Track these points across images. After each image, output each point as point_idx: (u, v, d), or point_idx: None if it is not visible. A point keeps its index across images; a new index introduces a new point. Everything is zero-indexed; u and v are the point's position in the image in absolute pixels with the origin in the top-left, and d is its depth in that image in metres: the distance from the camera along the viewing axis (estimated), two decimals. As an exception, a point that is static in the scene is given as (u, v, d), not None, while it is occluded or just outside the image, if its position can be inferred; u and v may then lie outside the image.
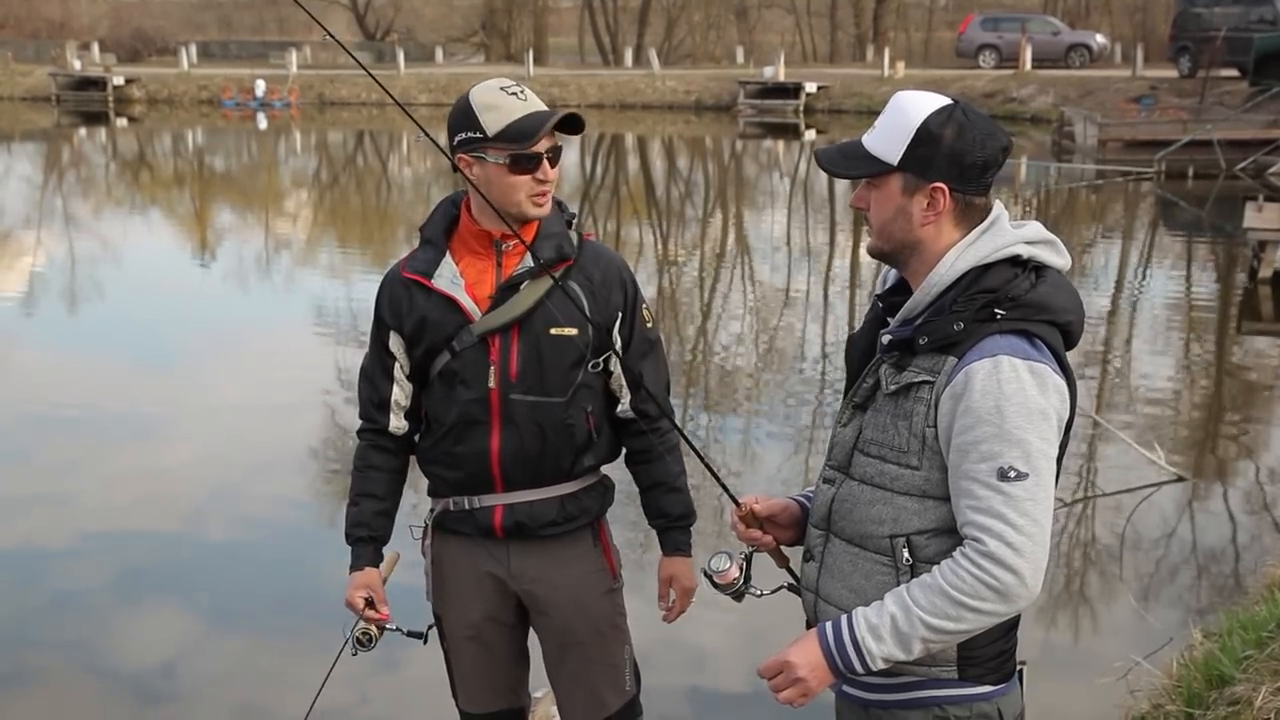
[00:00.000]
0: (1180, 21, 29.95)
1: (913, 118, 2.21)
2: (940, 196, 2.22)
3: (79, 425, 8.52)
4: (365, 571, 3.04)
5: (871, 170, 2.25)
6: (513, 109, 2.82)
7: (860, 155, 2.26)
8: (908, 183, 2.23)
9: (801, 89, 35.61)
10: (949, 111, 2.21)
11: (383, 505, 3.10)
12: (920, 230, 2.24)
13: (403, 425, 3.07)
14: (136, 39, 52.21)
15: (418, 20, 56.85)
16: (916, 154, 2.20)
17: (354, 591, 2.99)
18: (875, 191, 2.27)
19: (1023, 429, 2.11)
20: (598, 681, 3.12)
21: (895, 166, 2.22)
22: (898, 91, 2.32)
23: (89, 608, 5.71)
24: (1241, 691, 3.78)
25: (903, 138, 2.21)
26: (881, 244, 2.30)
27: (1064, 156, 23.97)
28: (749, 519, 2.46)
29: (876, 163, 2.24)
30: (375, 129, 34.67)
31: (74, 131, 34.59)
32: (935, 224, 2.24)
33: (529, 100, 2.85)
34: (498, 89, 2.85)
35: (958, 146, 2.20)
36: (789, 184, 24.22)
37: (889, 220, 2.26)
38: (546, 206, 2.88)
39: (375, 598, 2.99)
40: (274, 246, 16.96)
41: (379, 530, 3.09)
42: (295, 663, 5.20)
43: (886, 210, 2.26)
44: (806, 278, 14.25)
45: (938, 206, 2.23)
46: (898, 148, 2.21)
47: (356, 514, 3.08)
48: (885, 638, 2.14)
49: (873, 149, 2.25)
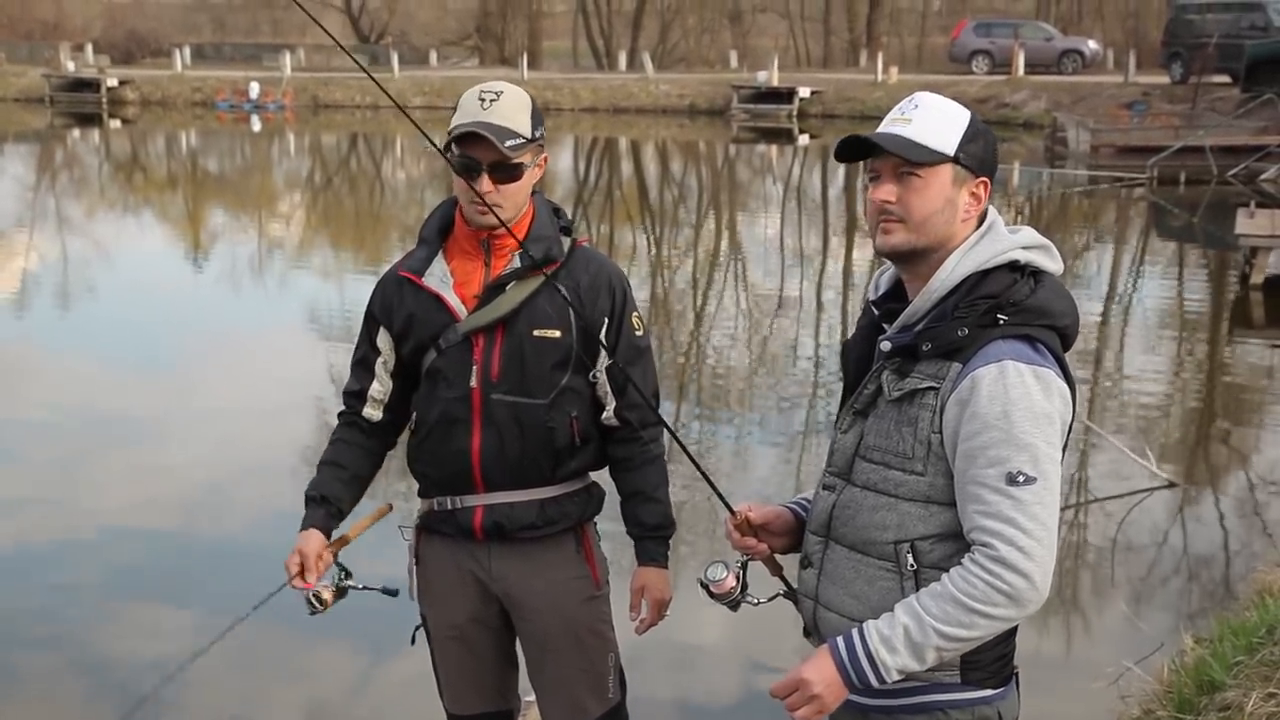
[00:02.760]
0: (1172, 28, 30.06)
1: (959, 112, 2.25)
2: (984, 191, 2.25)
3: (69, 427, 8.50)
4: (307, 534, 2.98)
5: (934, 159, 2.22)
6: (467, 113, 2.84)
7: (913, 145, 2.22)
8: (959, 175, 2.23)
9: (795, 94, 35.65)
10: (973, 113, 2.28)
11: (343, 473, 3.08)
12: (959, 224, 2.25)
13: (378, 414, 3.09)
14: (130, 41, 52.10)
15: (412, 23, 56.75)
16: (969, 148, 2.23)
17: (290, 556, 2.94)
18: (919, 181, 2.22)
19: (1030, 433, 2.12)
20: (578, 688, 3.10)
21: (952, 157, 2.22)
22: (916, 93, 2.32)
23: (79, 609, 5.70)
24: (1232, 697, 3.79)
25: (957, 129, 2.23)
26: (916, 238, 2.24)
27: (1056, 162, 24.00)
28: (744, 527, 2.45)
29: (934, 152, 2.22)
30: (369, 132, 34.64)
31: (67, 133, 34.53)
32: (970, 219, 2.26)
33: (489, 110, 2.83)
34: (476, 93, 2.87)
35: (990, 145, 2.26)
36: (782, 189, 24.23)
37: (935, 212, 2.23)
38: (489, 219, 2.83)
39: (305, 564, 2.91)
40: (267, 249, 16.94)
41: (334, 494, 3.05)
42: (286, 665, 5.20)
43: (934, 201, 2.22)
44: (799, 282, 14.25)
45: (980, 201, 2.26)
46: (953, 138, 2.22)
47: (315, 478, 3.09)
48: (899, 649, 2.13)
49: (923, 140, 2.22)
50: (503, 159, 2.82)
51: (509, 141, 2.81)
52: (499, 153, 2.81)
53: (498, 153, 2.81)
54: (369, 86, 38.94)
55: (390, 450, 3.20)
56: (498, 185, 2.84)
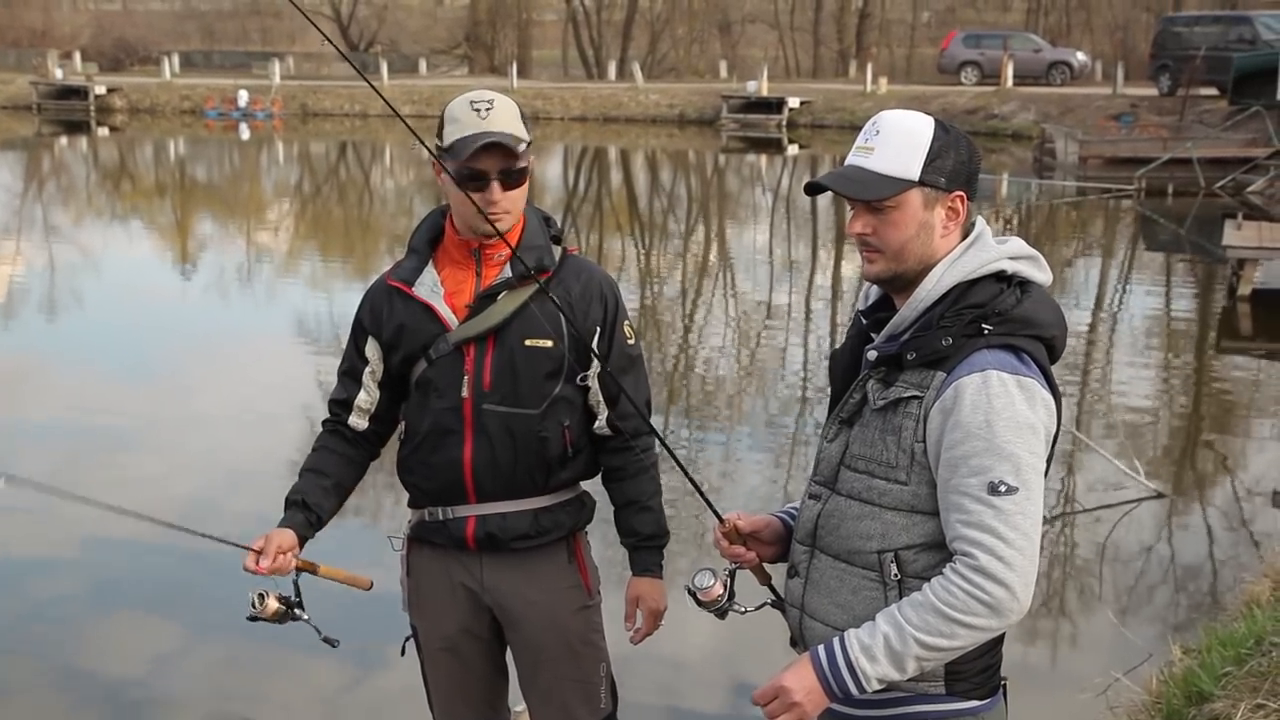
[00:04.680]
0: (1160, 40, 30.21)
1: (920, 131, 2.22)
2: (960, 204, 2.24)
3: (56, 434, 8.46)
4: (280, 530, 2.91)
5: (895, 190, 2.21)
6: (467, 124, 2.82)
7: (873, 179, 2.22)
8: (928, 196, 2.22)
9: (784, 104, 35.69)
10: (941, 124, 2.24)
11: (325, 480, 3.04)
12: (939, 242, 2.24)
13: (363, 424, 3.07)
14: (119, 48, 51.96)
15: (402, 32, 56.70)
16: (934, 165, 2.21)
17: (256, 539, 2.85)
18: (891, 213, 2.22)
19: (1012, 443, 2.11)
20: (570, 698, 3.09)
21: (917, 181, 2.21)
22: (879, 113, 2.31)
23: (65, 618, 5.67)
24: (1221, 708, 3.79)
25: (918, 152, 2.21)
26: (897, 265, 2.25)
27: (1045, 173, 24.06)
28: (732, 535, 2.45)
29: (896, 182, 2.21)
30: (358, 140, 34.60)
31: (55, 140, 34.43)
32: (951, 234, 2.25)
33: (488, 119, 2.82)
34: (468, 102, 2.86)
35: (963, 155, 2.23)
36: (771, 198, 24.26)
37: (910, 239, 2.23)
38: (502, 224, 2.85)
39: (266, 549, 2.81)
40: (255, 257, 16.90)
41: (314, 500, 2.99)
42: (272, 674, 5.18)
43: (907, 229, 2.23)
44: (788, 292, 14.26)
45: (958, 215, 2.24)
46: (915, 162, 2.21)
47: (296, 484, 3.04)
48: (879, 658, 2.13)
49: (885, 170, 2.22)
50: (512, 166, 2.84)
51: (519, 147, 2.84)
52: (510, 160, 2.82)
53: (508, 160, 2.82)
54: (358, 94, 38.96)
55: (374, 460, 3.18)
56: (506, 192, 2.85)
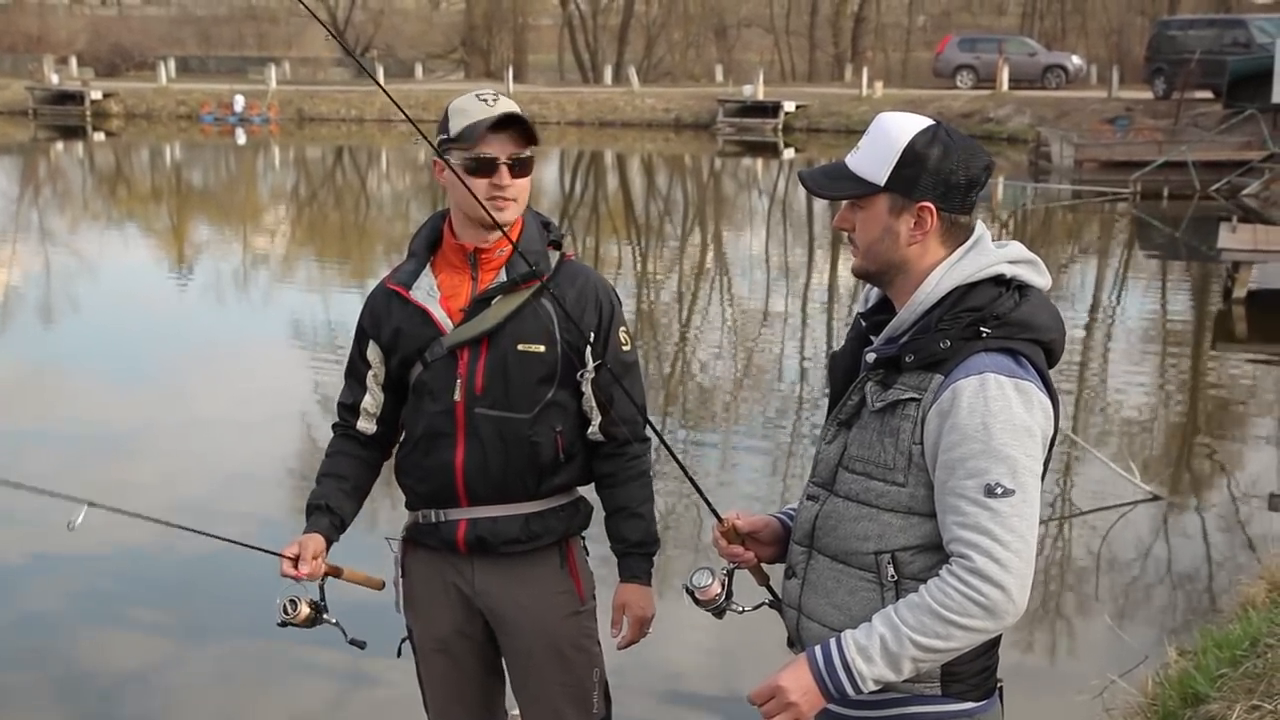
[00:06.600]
0: (1155, 44, 30.24)
1: (898, 138, 2.22)
2: (927, 216, 2.23)
3: (51, 439, 8.45)
4: (311, 535, 2.95)
5: (858, 191, 2.25)
6: (474, 113, 2.86)
7: (846, 176, 2.27)
8: (894, 203, 2.24)
9: (780, 108, 35.74)
10: (933, 132, 2.23)
11: (345, 484, 3.07)
12: (907, 250, 2.25)
13: (371, 427, 3.09)
14: (114, 53, 51.93)
15: (398, 37, 56.67)
16: (903, 174, 2.21)
17: (289, 545, 2.90)
18: (861, 212, 2.27)
19: (1009, 445, 2.12)
20: (561, 703, 3.09)
21: (882, 187, 2.23)
22: (880, 113, 2.33)
23: (59, 625, 5.66)
24: (1216, 710, 3.79)
25: (889, 158, 2.22)
26: (867, 264, 2.30)
27: (1040, 176, 24.09)
28: (731, 534, 2.46)
29: (863, 183, 2.25)
30: (354, 145, 34.59)
31: (51, 145, 34.42)
32: (921, 243, 2.25)
33: (495, 107, 2.86)
34: (474, 96, 2.91)
35: (943, 166, 2.21)
36: (768, 202, 24.28)
37: (875, 240, 2.27)
38: (509, 213, 2.88)
39: (302, 555, 2.88)
40: (252, 262, 16.90)
41: (337, 504, 3.03)
42: (268, 681, 5.18)
43: (873, 231, 2.27)
44: (785, 295, 14.28)
45: (925, 226, 2.24)
46: (884, 168, 2.22)
47: (317, 489, 3.07)
48: (875, 659, 2.13)
49: (858, 170, 2.26)
50: (521, 152, 2.87)
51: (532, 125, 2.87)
52: (520, 145, 2.86)
53: (518, 145, 2.86)
54: (354, 99, 38.98)
55: (386, 460, 3.20)
56: (514, 179, 2.87)
